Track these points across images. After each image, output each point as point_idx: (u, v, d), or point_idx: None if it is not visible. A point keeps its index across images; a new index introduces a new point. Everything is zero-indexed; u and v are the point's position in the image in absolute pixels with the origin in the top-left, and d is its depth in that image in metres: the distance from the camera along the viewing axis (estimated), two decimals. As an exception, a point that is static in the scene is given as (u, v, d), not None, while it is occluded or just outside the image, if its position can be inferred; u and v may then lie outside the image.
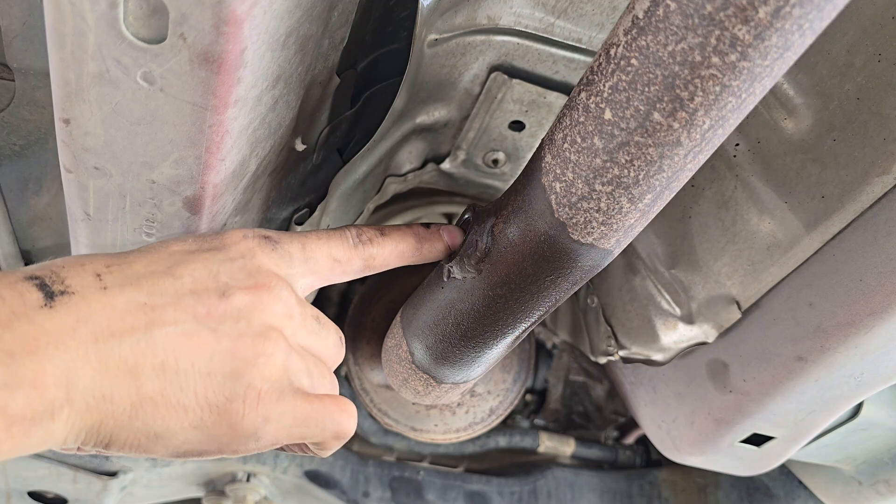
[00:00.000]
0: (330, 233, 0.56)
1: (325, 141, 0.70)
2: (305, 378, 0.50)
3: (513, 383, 1.29)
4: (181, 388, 0.44)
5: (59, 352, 0.39)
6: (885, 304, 0.65)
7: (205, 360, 0.44)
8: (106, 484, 1.14)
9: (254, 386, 0.46)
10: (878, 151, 0.61)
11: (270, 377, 0.47)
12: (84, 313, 0.41)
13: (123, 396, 0.42)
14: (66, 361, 0.39)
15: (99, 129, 0.50)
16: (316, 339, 0.52)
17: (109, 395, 0.41)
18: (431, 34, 0.66)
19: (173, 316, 0.44)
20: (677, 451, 1.01)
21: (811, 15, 0.36)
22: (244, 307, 0.47)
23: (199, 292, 0.46)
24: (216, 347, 0.45)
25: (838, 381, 0.77)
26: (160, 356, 0.43)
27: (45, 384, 0.38)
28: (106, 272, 0.44)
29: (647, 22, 0.40)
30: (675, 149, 0.44)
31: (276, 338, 0.47)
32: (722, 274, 0.79)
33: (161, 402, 0.43)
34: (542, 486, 1.36)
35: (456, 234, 0.62)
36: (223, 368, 0.45)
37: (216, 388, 0.45)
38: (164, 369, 0.43)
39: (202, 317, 0.45)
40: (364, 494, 1.27)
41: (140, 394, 0.42)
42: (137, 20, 0.43)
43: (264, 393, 0.46)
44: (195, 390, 0.44)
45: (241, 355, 0.46)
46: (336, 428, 0.51)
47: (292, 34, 0.49)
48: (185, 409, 0.44)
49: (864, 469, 1.06)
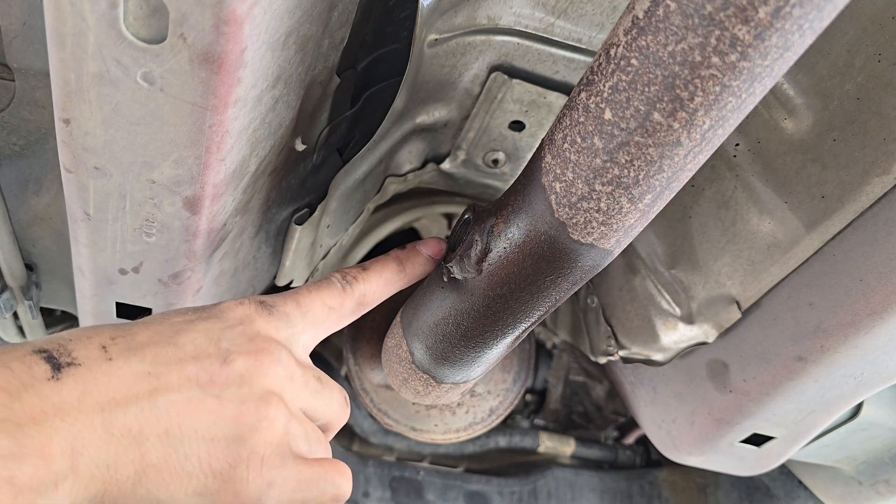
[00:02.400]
0: (318, 283, 0.57)
1: (325, 141, 0.70)
2: (303, 443, 0.50)
3: (513, 383, 1.29)
4: (185, 454, 0.44)
5: (65, 423, 0.40)
6: (886, 304, 0.65)
7: (208, 425, 0.45)
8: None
9: (257, 451, 0.46)
10: (879, 151, 0.61)
11: (273, 442, 0.47)
12: (90, 384, 0.42)
13: (127, 464, 0.42)
14: (72, 431, 0.40)
15: (99, 130, 0.50)
16: (319, 400, 0.53)
17: (114, 464, 0.41)
18: (431, 34, 0.66)
19: (177, 383, 0.45)
20: (677, 451, 1.01)
21: (811, 15, 0.36)
22: (245, 372, 0.47)
23: (201, 359, 0.46)
24: (220, 413, 0.45)
25: (838, 381, 0.77)
26: (164, 423, 0.43)
27: (51, 454, 0.38)
28: (111, 343, 0.44)
29: (647, 22, 0.40)
30: (675, 149, 0.44)
31: (276, 402, 0.48)
32: (722, 274, 0.79)
33: (165, 469, 0.43)
34: (542, 486, 1.36)
35: (435, 245, 0.63)
36: (226, 434, 0.45)
37: (220, 454, 0.45)
38: (168, 436, 0.43)
39: (205, 383, 0.46)
40: (364, 494, 1.27)
41: (144, 461, 0.42)
42: (137, 20, 0.43)
43: (267, 458, 0.47)
44: (199, 456, 0.44)
45: (245, 420, 0.46)
46: (336, 490, 0.52)
47: (292, 34, 0.49)
48: (189, 476, 0.44)
49: (864, 469, 1.06)
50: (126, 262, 0.67)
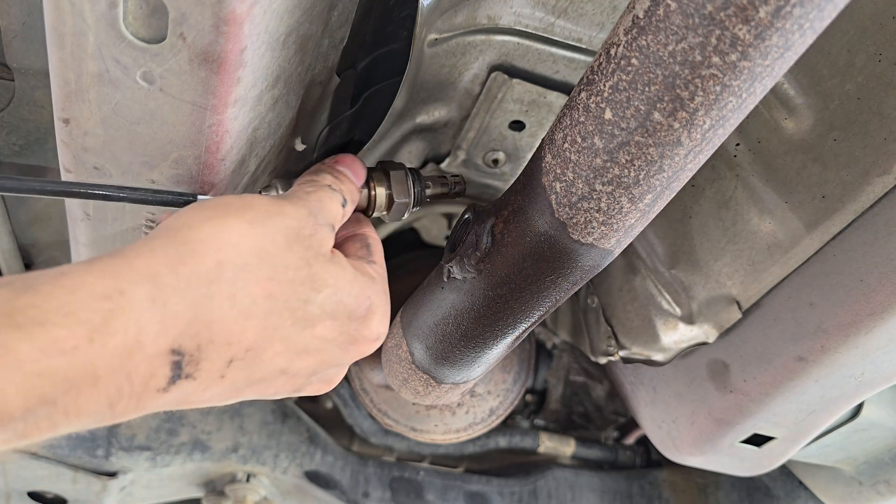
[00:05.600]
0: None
1: (325, 141, 0.70)
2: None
3: (513, 383, 1.29)
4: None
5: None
6: (886, 304, 0.65)
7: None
8: (105, 484, 1.14)
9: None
10: (879, 151, 0.61)
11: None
12: (183, 400, 0.42)
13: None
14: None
15: (98, 129, 0.50)
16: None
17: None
18: (431, 34, 0.66)
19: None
20: (677, 452, 1.01)
21: (812, 14, 0.36)
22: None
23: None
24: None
25: (839, 381, 0.77)
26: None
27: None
28: (238, 361, 0.43)
29: (648, 21, 0.40)
30: (676, 148, 0.44)
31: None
32: (722, 274, 0.79)
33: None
34: (542, 486, 1.36)
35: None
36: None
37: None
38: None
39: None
40: (364, 495, 1.27)
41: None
42: (137, 20, 0.43)
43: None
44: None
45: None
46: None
47: (292, 34, 0.49)
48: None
49: (864, 469, 1.06)
50: (126, 262, 0.67)
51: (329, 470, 1.27)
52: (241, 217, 0.44)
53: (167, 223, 0.43)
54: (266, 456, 1.23)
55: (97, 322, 0.34)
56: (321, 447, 1.27)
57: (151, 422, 1.19)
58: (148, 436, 1.17)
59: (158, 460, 1.17)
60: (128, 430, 1.17)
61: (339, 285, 0.48)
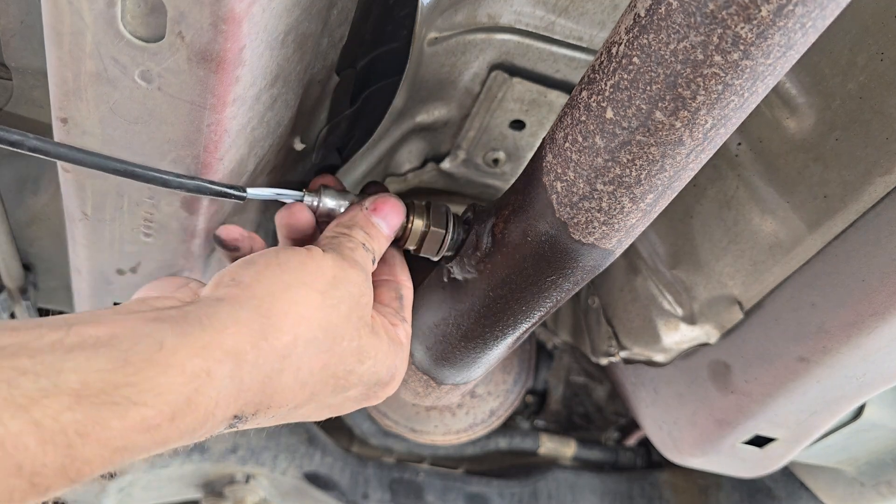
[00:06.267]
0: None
1: (325, 140, 0.70)
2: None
3: (513, 384, 1.28)
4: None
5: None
6: (888, 304, 0.65)
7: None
8: (104, 485, 1.14)
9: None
10: (881, 151, 0.60)
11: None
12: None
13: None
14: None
15: (97, 129, 0.50)
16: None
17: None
18: (431, 32, 0.66)
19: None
20: (679, 453, 1.01)
21: (814, 13, 0.36)
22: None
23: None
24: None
25: (841, 381, 0.77)
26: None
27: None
28: (280, 416, 0.48)
29: (649, 20, 0.40)
30: (678, 148, 0.43)
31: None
32: (724, 274, 0.79)
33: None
34: (542, 487, 1.35)
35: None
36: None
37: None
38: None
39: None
40: (363, 496, 1.27)
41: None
42: (135, 19, 0.43)
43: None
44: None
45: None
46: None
47: (291, 32, 0.48)
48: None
49: (866, 470, 1.06)
50: (124, 263, 0.67)
51: (328, 471, 1.26)
52: (313, 287, 0.48)
53: (248, 281, 0.46)
54: (265, 457, 1.23)
55: (181, 403, 0.37)
56: (320, 448, 1.27)
57: (151, 422, 1.19)
58: (147, 437, 1.17)
59: (157, 461, 1.17)
60: (127, 430, 1.16)
61: (379, 357, 0.53)
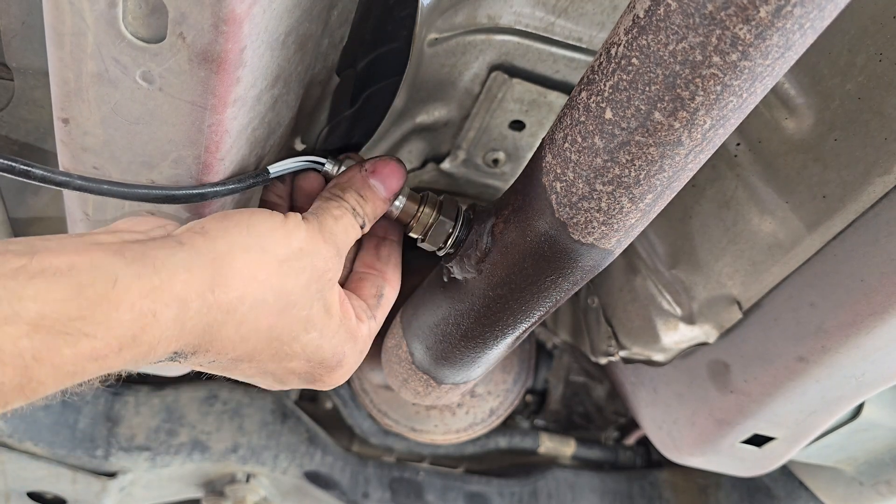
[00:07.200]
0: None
1: (325, 141, 0.70)
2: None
3: (513, 384, 1.29)
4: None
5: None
6: (887, 304, 0.65)
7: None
8: (105, 484, 1.14)
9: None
10: (880, 151, 0.60)
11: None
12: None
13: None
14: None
15: (98, 129, 0.50)
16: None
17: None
18: (431, 33, 0.66)
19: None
20: (678, 452, 1.01)
21: (812, 14, 0.36)
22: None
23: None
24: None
25: (839, 381, 0.77)
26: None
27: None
28: (218, 363, 0.50)
29: (648, 21, 0.40)
30: (676, 148, 0.44)
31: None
32: (723, 274, 0.79)
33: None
34: (542, 486, 1.36)
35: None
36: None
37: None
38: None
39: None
40: (364, 495, 1.27)
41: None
42: (136, 19, 0.43)
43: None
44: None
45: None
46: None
47: (292, 33, 0.48)
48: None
49: (865, 470, 1.06)
50: (125, 263, 0.66)
51: (329, 470, 1.27)
52: (273, 253, 0.49)
53: (213, 234, 0.47)
54: (265, 456, 1.23)
55: (128, 338, 0.40)
56: (321, 447, 1.27)
57: (151, 422, 1.19)
58: (147, 436, 1.17)
59: (158, 461, 1.17)
60: (127, 430, 1.17)
61: (325, 333, 0.54)
